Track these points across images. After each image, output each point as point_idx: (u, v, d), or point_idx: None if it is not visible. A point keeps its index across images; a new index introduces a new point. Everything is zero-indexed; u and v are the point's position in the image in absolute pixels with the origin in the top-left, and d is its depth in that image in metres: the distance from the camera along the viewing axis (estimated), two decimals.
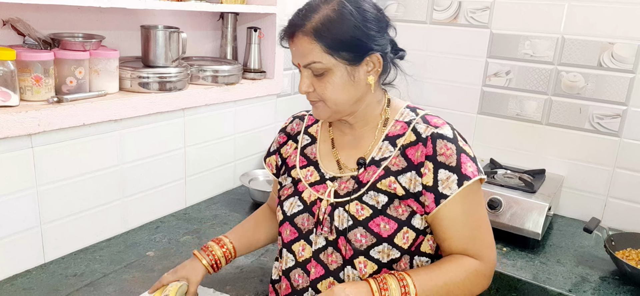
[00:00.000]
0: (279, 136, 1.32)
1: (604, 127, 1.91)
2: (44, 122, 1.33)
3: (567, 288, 1.50)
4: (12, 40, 1.41)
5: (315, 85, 1.08)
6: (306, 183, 1.19)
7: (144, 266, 1.47)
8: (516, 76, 2.05)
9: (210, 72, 1.84)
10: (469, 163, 1.06)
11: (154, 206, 1.76)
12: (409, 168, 1.08)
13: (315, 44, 1.03)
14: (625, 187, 1.91)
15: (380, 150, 1.13)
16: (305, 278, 1.15)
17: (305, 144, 1.26)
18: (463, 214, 1.06)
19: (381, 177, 1.09)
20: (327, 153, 1.22)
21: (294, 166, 1.24)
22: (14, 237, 1.37)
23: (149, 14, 1.75)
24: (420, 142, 1.08)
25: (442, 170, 1.05)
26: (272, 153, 1.32)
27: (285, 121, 1.34)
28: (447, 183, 1.04)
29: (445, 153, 1.05)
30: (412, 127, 1.11)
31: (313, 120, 1.28)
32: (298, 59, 1.09)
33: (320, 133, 1.25)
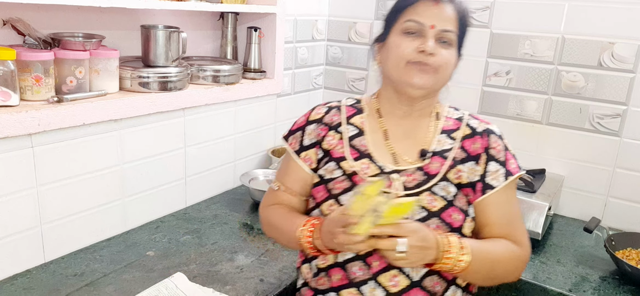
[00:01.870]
0: (316, 127, 1.24)
1: (604, 127, 1.91)
2: (44, 121, 1.33)
3: (567, 288, 1.50)
4: (12, 40, 1.41)
5: (437, 51, 1.10)
6: (364, 176, 1.15)
7: (144, 266, 1.47)
8: (516, 76, 2.05)
9: (211, 72, 1.84)
10: (512, 160, 1.19)
11: (154, 206, 1.76)
12: (468, 159, 1.17)
13: (456, 18, 1.12)
14: (626, 187, 1.90)
15: (439, 142, 1.19)
16: (366, 270, 1.12)
17: (352, 135, 1.21)
18: (506, 203, 1.17)
19: (450, 167, 1.16)
20: (379, 145, 1.20)
21: (344, 158, 1.19)
22: (14, 237, 1.37)
23: (149, 13, 1.75)
24: (477, 136, 1.19)
25: (492, 162, 1.17)
26: (310, 147, 1.24)
27: (315, 112, 1.27)
28: (495, 176, 1.16)
29: (496, 148, 1.18)
30: (466, 123, 1.22)
31: (353, 111, 1.25)
32: (437, 21, 1.09)
33: (368, 124, 1.22)
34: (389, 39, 1.15)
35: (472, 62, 2.13)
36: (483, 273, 1.12)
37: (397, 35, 1.13)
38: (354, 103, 1.27)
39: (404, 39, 1.11)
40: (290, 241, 1.21)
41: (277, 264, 1.53)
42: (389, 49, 1.14)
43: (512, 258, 1.15)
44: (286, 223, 1.21)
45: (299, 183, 1.25)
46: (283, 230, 1.22)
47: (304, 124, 1.26)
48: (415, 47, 1.09)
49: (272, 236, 1.32)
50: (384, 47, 1.17)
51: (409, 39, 1.11)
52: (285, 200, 1.27)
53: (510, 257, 1.15)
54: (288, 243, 1.24)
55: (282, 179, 1.28)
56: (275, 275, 1.48)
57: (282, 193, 1.27)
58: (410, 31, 1.11)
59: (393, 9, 1.16)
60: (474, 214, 1.17)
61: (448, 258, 1.05)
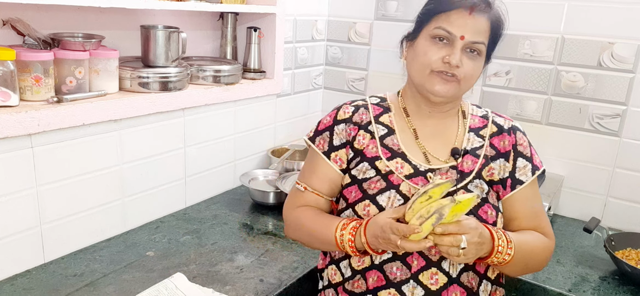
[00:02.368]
0: (346, 127, 1.22)
1: (604, 127, 1.91)
2: (43, 122, 1.33)
3: (567, 288, 1.50)
4: (12, 40, 1.41)
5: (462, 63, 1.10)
6: (400, 175, 1.15)
7: (144, 266, 1.47)
8: (516, 76, 2.05)
9: (210, 72, 1.84)
10: (536, 156, 1.23)
11: (153, 206, 1.76)
12: (498, 156, 1.19)
13: (488, 28, 1.12)
14: (625, 187, 1.91)
15: (469, 140, 1.20)
16: (404, 270, 1.13)
17: (382, 134, 1.20)
18: (533, 197, 1.21)
19: (483, 165, 1.18)
20: (410, 144, 1.20)
21: (378, 157, 1.18)
22: (14, 237, 1.37)
23: (148, 13, 1.75)
24: (505, 133, 1.21)
25: (520, 158, 1.20)
26: (341, 147, 1.22)
27: (343, 111, 1.24)
28: (524, 171, 1.19)
29: (523, 144, 1.22)
30: (492, 120, 1.24)
31: (380, 110, 1.23)
32: (468, 33, 1.08)
33: (396, 123, 1.22)
34: (418, 41, 1.15)
35: None
36: (521, 266, 1.15)
37: (426, 39, 1.12)
38: (380, 102, 1.26)
39: (432, 46, 1.11)
40: (325, 244, 1.19)
41: (277, 264, 1.53)
42: (416, 52, 1.14)
43: (544, 250, 1.19)
44: (320, 224, 1.19)
45: (327, 183, 1.24)
46: (317, 232, 1.20)
47: (332, 124, 1.24)
48: (441, 56, 1.09)
49: (301, 238, 1.29)
50: (412, 47, 1.17)
51: (437, 46, 1.10)
52: (312, 201, 1.25)
53: (543, 249, 1.19)
54: (321, 245, 1.22)
55: (308, 180, 1.26)
56: (275, 275, 1.48)
57: (308, 194, 1.25)
58: (439, 37, 1.10)
59: (426, 10, 1.15)
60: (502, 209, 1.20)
61: (499, 252, 1.07)
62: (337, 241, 1.14)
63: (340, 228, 1.13)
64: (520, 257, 1.11)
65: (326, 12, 2.43)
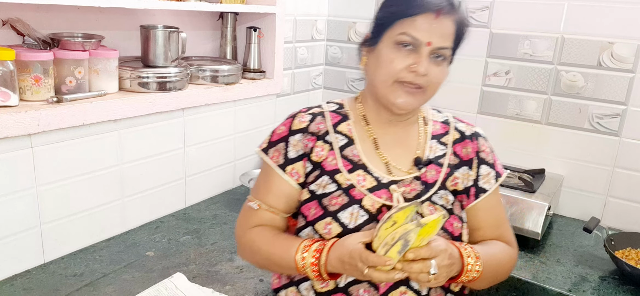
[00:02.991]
0: (302, 137, 1.12)
1: (604, 127, 1.91)
2: (43, 122, 1.33)
3: (566, 288, 1.50)
4: (11, 40, 1.41)
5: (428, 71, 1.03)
6: (363, 189, 1.08)
7: (143, 266, 1.47)
8: (516, 76, 2.05)
9: (210, 72, 1.84)
10: (498, 161, 1.19)
11: (153, 206, 1.76)
12: (461, 164, 1.15)
13: (453, 34, 1.06)
14: (625, 187, 1.91)
15: (431, 148, 1.15)
16: (372, 292, 1.06)
17: (342, 145, 1.12)
18: (496, 205, 1.17)
19: (447, 174, 1.12)
20: (371, 154, 1.12)
21: (338, 170, 1.09)
22: (13, 237, 1.37)
23: (148, 13, 1.75)
24: (467, 139, 1.17)
25: (483, 165, 1.15)
26: (297, 159, 1.12)
27: (298, 120, 1.14)
28: (487, 179, 1.15)
29: (485, 150, 1.17)
30: (454, 126, 1.19)
31: (338, 118, 1.15)
32: (435, 38, 1.02)
33: (356, 132, 1.13)
34: (379, 47, 1.07)
35: (471, 62, 2.13)
36: (489, 279, 1.11)
37: (389, 46, 1.05)
38: (337, 109, 1.17)
39: (397, 53, 1.03)
40: (284, 267, 1.09)
41: None
42: (379, 60, 1.06)
43: (510, 260, 1.16)
44: (279, 247, 1.09)
45: (283, 199, 1.13)
46: (274, 255, 1.09)
47: (287, 134, 1.13)
48: (407, 64, 1.03)
49: (257, 263, 1.17)
50: (373, 53, 1.09)
51: (402, 53, 1.03)
52: (267, 220, 1.14)
53: (509, 259, 1.16)
54: (280, 269, 1.12)
55: (262, 197, 1.15)
56: None
57: (263, 212, 1.14)
58: (404, 43, 1.03)
59: (388, 14, 1.07)
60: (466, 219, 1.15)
61: (469, 270, 1.03)
62: (297, 265, 1.04)
63: (302, 250, 1.03)
64: (488, 271, 1.07)
65: (326, 12, 2.43)
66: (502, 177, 1.17)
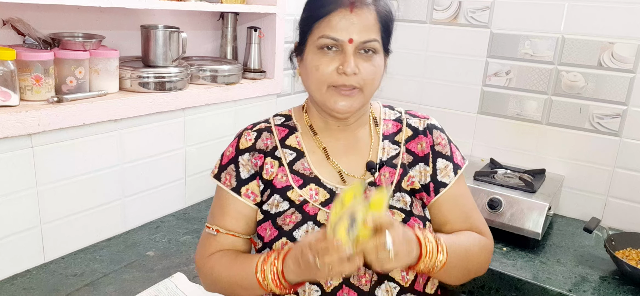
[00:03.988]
0: (250, 156, 1.08)
1: (604, 127, 1.91)
2: (44, 121, 1.33)
3: (567, 288, 1.50)
4: (12, 40, 1.41)
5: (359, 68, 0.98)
6: (316, 203, 1.03)
7: (144, 266, 1.47)
8: (516, 76, 2.05)
9: (210, 72, 1.84)
10: (457, 152, 1.13)
11: (154, 206, 1.76)
12: (417, 161, 1.10)
13: (377, 22, 1.00)
14: (625, 187, 1.90)
15: (384, 150, 1.10)
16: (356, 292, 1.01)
17: (291, 160, 1.07)
18: (461, 196, 1.12)
19: (402, 175, 1.08)
20: (322, 165, 1.08)
21: (289, 187, 1.05)
22: (14, 237, 1.37)
23: (148, 13, 1.75)
24: (420, 134, 1.11)
25: (440, 159, 1.10)
26: (250, 179, 1.07)
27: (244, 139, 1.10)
28: (446, 172, 1.10)
29: (441, 143, 1.11)
30: (406, 123, 1.13)
31: (286, 131, 1.10)
32: (355, 33, 0.97)
33: (305, 144, 1.09)
34: (305, 55, 1.04)
35: (471, 62, 2.14)
36: (459, 269, 1.05)
37: (313, 52, 1.01)
38: (284, 122, 1.13)
39: (322, 58, 0.99)
40: (248, 289, 1.02)
41: None
42: (307, 68, 1.03)
43: (482, 250, 1.10)
44: (238, 270, 1.02)
45: (241, 222, 1.08)
46: (236, 279, 1.02)
47: (235, 155, 1.09)
48: (335, 67, 0.98)
49: (220, 290, 1.09)
50: (302, 62, 1.06)
51: (327, 57, 0.99)
52: (228, 244, 1.08)
53: (481, 248, 1.09)
54: (246, 292, 1.03)
55: (219, 221, 1.08)
56: None
57: (222, 236, 1.08)
58: (326, 46, 0.99)
59: (305, 19, 1.03)
60: (430, 217, 1.10)
61: (429, 252, 0.96)
62: (260, 283, 0.97)
63: (261, 266, 0.97)
64: (457, 260, 1.02)
65: None
66: (462, 168, 1.11)
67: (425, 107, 2.29)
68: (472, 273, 1.11)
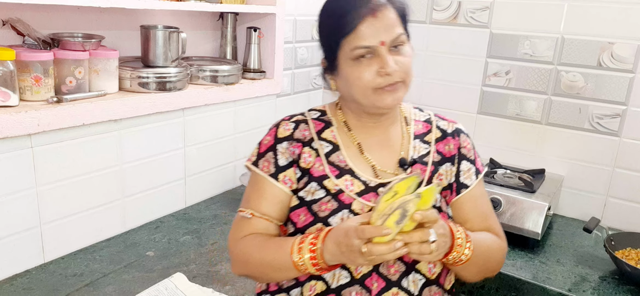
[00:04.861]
0: (289, 145, 1.12)
1: (604, 127, 1.91)
2: (43, 122, 1.33)
3: (566, 288, 1.50)
4: (11, 40, 1.41)
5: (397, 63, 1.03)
6: (351, 193, 1.07)
7: (143, 266, 1.47)
8: (516, 76, 2.05)
9: (210, 72, 1.84)
10: (479, 159, 1.21)
11: (153, 206, 1.76)
12: (444, 161, 1.15)
13: (398, 17, 1.05)
14: (625, 187, 1.91)
15: (415, 148, 1.15)
16: (364, 294, 1.05)
17: (327, 151, 1.11)
18: (480, 198, 1.18)
19: (433, 172, 1.13)
20: (356, 159, 1.12)
21: (326, 176, 1.09)
22: (13, 237, 1.37)
23: (148, 13, 1.75)
24: (449, 136, 1.18)
25: (464, 161, 1.17)
26: (288, 166, 1.11)
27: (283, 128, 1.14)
28: (468, 174, 1.16)
29: (467, 147, 1.18)
30: (435, 125, 1.19)
31: (322, 125, 1.15)
32: (384, 35, 1.02)
33: (340, 138, 1.14)
34: (340, 69, 1.07)
35: (471, 62, 2.14)
36: (479, 265, 1.10)
37: (350, 65, 1.04)
38: (320, 116, 1.17)
39: (360, 67, 1.03)
40: (280, 270, 1.05)
41: None
42: (348, 81, 1.06)
43: (499, 250, 1.16)
44: (271, 250, 1.06)
45: (277, 207, 1.11)
46: (268, 259, 1.06)
47: (273, 143, 1.13)
48: (374, 71, 1.03)
49: (251, 273, 1.12)
50: (339, 76, 1.09)
51: (363, 65, 1.03)
52: (261, 228, 1.11)
53: (498, 248, 1.16)
54: (275, 273, 1.07)
55: (255, 205, 1.12)
56: None
57: (257, 220, 1.11)
58: (361, 56, 1.03)
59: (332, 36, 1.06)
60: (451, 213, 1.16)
61: (458, 245, 1.03)
62: (296, 265, 1.01)
63: (297, 248, 1.01)
64: (479, 255, 1.07)
65: None
66: (482, 173, 1.19)
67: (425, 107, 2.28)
68: (488, 272, 1.17)
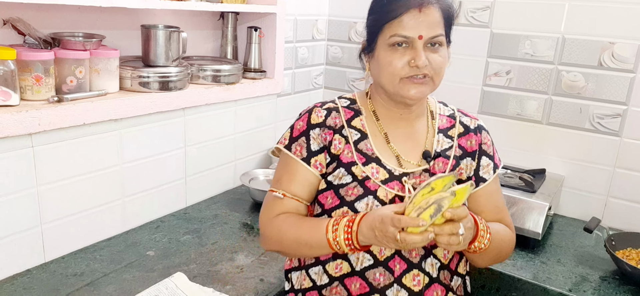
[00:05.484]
0: (321, 131, 1.18)
1: (605, 127, 1.91)
2: (44, 121, 1.33)
3: (567, 288, 1.50)
4: (12, 40, 1.41)
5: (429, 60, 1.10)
6: (377, 181, 1.14)
7: (144, 266, 1.47)
8: (516, 76, 2.05)
9: (211, 72, 1.84)
10: (497, 155, 1.29)
11: (154, 205, 1.76)
12: (465, 156, 1.23)
13: (442, 19, 1.11)
14: (626, 187, 1.90)
15: (438, 142, 1.22)
16: (388, 275, 1.13)
17: (356, 139, 1.18)
18: (495, 193, 1.27)
19: (454, 166, 1.20)
20: (382, 148, 1.19)
21: (354, 162, 1.16)
22: (14, 237, 1.37)
23: (149, 13, 1.75)
24: (471, 132, 1.25)
25: (484, 157, 1.25)
26: (320, 151, 1.18)
27: (315, 115, 1.20)
28: (487, 169, 1.24)
29: (487, 143, 1.26)
30: (459, 120, 1.26)
31: (351, 113, 1.21)
32: (424, 30, 1.08)
33: (368, 127, 1.20)
34: (376, 52, 1.14)
35: (472, 62, 2.13)
36: (493, 254, 1.19)
37: (385, 49, 1.11)
38: (350, 105, 1.24)
39: (394, 54, 1.10)
40: (314, 246, 1.13)
41: (277, 264, 1.53)
42: (380, 64, 1.13)
43: (510, 241, 1.26)
44: (306, 228, 1.14)
45: (307, 189, 1.19)
46: (305, 237, 1.13)
47: (306, 128, 1.20)
48: (406, 61, 1.09)
49: (284, 249, 1.20)
50: (373, 59, 1.16)
51: (399, 53, 1.10)
52: (292, 208, 1.19)
53: (509, 239, 1.25)
54: (309, 250, 1.15)
55: (286, 187, 1.20)
56: (275, 275, 1.48)
57: (288, 200, 1.19)
58: (398, 43, 1.09)
59: (375, 20, 1.13)
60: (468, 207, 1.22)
61: (481, 236, 1.11)
62: (330, 243, 1.09)
63: (332, 228, 1.09)
64: (494, 245, 1.16)
65: (327, 11, 2.43)
66: (499, 168, 1.27)
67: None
68: (499, 260, 1.27)
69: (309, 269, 1.21)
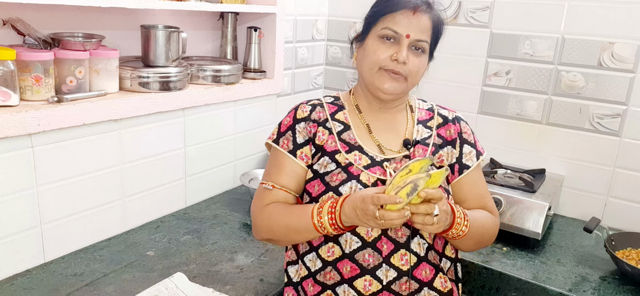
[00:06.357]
0: (306, 125, 1.27)
1: (604, 127, 1.91)
2: (44, 121, 1.33)
3: (567, 288, 1.50)
4: (12, 40, 1.41)
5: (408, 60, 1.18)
6: (359, 166, 1.21)
7: (144, 266, 1.47)
8: (516, 76, 2.05)
9: (210, 72, 1.84)
10: (479, 142, 1.34)
11: (154, 206, 1.76)
12: (445, 144, 1.30)
13: (430, 28, 1.21)
14: (626, 187, 1.90)
15: (418, 132, 1.29)
16: (376, 256, 1.18)
17: (339, 130, 1.27)
18: (478, 180, 1.32)
19: (433, 153, 1.27)
20: (365, 138, 1.27)
21: (338, 151, 1.24)
22: (14, 237, 1.37)
23: (149, 13, 1.75)
24: (450, 123, 1.32)
25: (466, 145, 1.31)
26: (305, 144, 1.26)
27: (301, 110, 1.29)
28: (470, 156, 1.30)
29: (467, 132, 1.32)
30: (437, 112, 1.34)
31: (335, 108, 1.30)
32: (413, 31, 1.17)
33: (351, 120, 1.29)
34: (366, 41, 1.23)
35: (472, 62, 2.14)
36: (475, 239, 1.25)
37: (375, 39, 1.20)
38: (334, 101, 1.33)
39: (381, 45, 1.19)
40: (302, 231, 1.19)
41: (277, 264, 1.53)
42: (366, 52, 1.22)
43: (493, 226, 1.31)
44: (294, 215, 1.21)
45: (295, 180, 1.27)
46: (293, 224, 1.20)
47: (292, 123, 1.28)
48: (389, 54, 1.18)
49: (274, 236, 1.25)
50: (362, 47, 1.25)
51: (385, 45, 1.19)
52: (281, 198, 1.26)
53: (492, 225, 1.30)
54: (298, 235, 1.21)
55: (275, 178, 1.27)
56: (275, 275, 1.48)
57: (277, 191, 1.26)
58: (387, 37, 1.19)
59: (373, 12, 1.23)
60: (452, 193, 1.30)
61: (457, 223, 1.16)
62: (315, 226, 1.16)
63: (317, 212, 1.16)
64: (474, 231, 1.21)
65: (326, 12, 2.43)
66: (483, 155, 1.32)
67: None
68: (482, 245, 1.32)
69: (304, 257, 1.26)
